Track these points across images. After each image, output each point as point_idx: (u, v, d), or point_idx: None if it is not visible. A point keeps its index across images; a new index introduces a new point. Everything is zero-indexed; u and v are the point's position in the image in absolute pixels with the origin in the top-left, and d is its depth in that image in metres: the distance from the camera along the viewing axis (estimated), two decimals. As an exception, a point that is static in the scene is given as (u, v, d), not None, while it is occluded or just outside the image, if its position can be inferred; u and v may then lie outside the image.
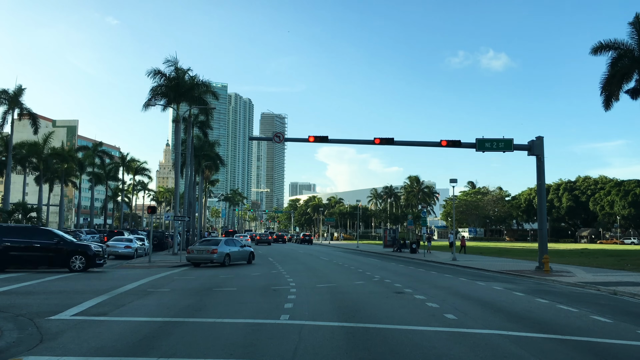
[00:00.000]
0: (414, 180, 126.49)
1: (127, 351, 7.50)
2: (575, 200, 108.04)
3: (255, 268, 25.80)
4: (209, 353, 7.44)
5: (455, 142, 27.88)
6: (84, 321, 9.90)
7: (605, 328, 10.01)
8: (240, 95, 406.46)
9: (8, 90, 48.51)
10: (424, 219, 48.52)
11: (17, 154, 57.12)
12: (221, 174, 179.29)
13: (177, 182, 43.64)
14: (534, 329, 9.54)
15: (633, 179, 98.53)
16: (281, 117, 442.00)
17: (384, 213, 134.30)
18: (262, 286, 16.78)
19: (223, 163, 75.18)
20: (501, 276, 23.58)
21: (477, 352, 7.64)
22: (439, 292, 15.71)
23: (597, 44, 32.40)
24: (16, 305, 11.81)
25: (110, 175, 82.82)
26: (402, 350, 7.70)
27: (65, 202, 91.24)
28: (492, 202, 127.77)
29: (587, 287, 18.10)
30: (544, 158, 27.48)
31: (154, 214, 34.27)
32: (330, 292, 15.35)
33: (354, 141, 32.22)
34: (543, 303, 13.51)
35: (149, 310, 11.35)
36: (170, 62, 42.44)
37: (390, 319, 10.51)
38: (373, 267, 27.61)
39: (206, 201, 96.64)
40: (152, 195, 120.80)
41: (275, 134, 30.53)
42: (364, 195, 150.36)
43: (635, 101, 32.82)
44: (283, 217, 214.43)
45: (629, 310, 12.86)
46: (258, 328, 9.35)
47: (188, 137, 47.95)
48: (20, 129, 66.61)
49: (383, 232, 73.89)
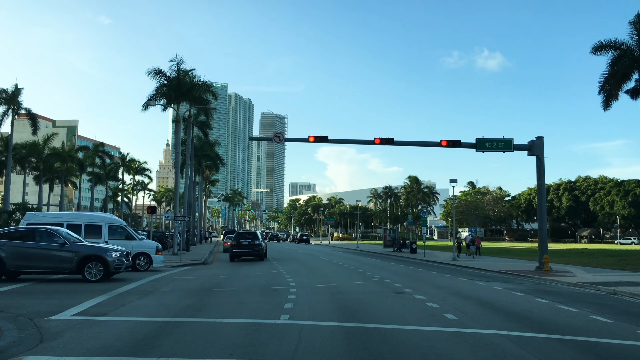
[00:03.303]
0: (414, 180, 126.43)
1: (127, 351, 7.49)
2: (575, 200, 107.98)
3: (255, 268, 25.80)
4: (209, 353, 7.44)
5: (455, 142, 27.88)
6: (84, 321, 9.89)
7: (606, 328, 10.01)
8: (240, 95, 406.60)
9: (7, 90, 48.51)
10: (424, 219, 48.49)
11: (17, 154, 57.11)
12: (221, 174, 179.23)
13: (177, 182, 43.62)
14: (534, 329, 9.54)
15: (633, 179, 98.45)
16: (281, 117, 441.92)
17: (384, 213, 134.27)
18: (262, 286, 16.78)
19: (223, 163, 75.23)
20: (501, 276, 23.58)
21: (477, 352, 7.63)
22: (439, 292, 15.70)
23: (597, 43, 32.44)
24: (16, 305, 11.80)
25: (110, 175, 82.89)
26: (402, 350, 7.70)
27: (65, 202, 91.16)
28: (492, 202, 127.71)
29: (587, 287, 18.10)
30: (544, 158, 27.48)
31: (154, 214, 34.27)
32: (330, 292, 15.34)
33: (354, 141, 32.22)
34: (543, 303, 13.50)
35: (149, 310, 11.34)
36: (174, 61, 42.58)
37: (390, 318, 10.51)
38: (373, 267, 27.60)
39: (206, 201, 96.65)
40: (152, 195, 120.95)
41: (275, 134, 30.53)
42: (364, 195, 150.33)
43: (635, 101, 32.86)
44: (283, 217, 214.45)
45: (629, 310, 12.86)
46: (258, 328, 9.35)
47: (188, 137, 47.98)
48: (21, 129, 66.63)
49: (383, 232, 73.88)
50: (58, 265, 17.27)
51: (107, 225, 23.23)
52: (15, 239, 17.33)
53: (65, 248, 17.18)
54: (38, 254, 17.00)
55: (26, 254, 16.95)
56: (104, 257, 17.30)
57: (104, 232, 22.79)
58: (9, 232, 18.03)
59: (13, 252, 16.80)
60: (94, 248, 17.77)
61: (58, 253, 17.11)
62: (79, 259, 17.10)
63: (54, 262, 17.19)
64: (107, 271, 17.37)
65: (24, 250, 16.96)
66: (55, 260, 17.14)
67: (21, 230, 18.36)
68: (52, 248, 17.11)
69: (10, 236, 17.52)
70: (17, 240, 17.25)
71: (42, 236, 17.47)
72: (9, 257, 16.75)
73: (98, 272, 17.22)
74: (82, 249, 17.46)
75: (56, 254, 17.10)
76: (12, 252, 16.78)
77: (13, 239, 17.29)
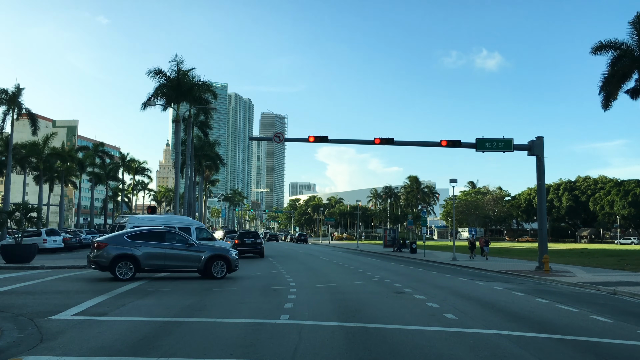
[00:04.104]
0: (414, 180, 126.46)
1: (127, 351, 7.50)
2: (575, 200, 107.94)
3: (255, 267, 25.79)
4: (209, 353, 7.44)
5: (455, 142, 27.88)
6: (84, 321, 9.89)
7: (605, 328, 10.02)
8: (240, 95, 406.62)
9: (7, 90, 48.47)
10: (424, 219, 48.52)
11: (17, 154, 57.09)
12: (221, 174, 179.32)
13: (177, 182, 43.62)
14: (534, 329, 9.54)
15: (633, 179, 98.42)
16: (281, 117, 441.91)
17: (384, 213, 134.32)
18: (262, 286, 16.78)
19: (223, 163, 75.22)
20: (501, 276, 23.59)
21: (477, 352, 7.64)
22: (439, 291, 15.71)
23: (597, 43, 32.45)
24: (16, 305, 11.80)
25: (111, 175, 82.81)
26: (402, 350, 7.70)
27: (66, 202, 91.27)
28: (492, 202, 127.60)
29: (587, 287, 18.11)
30: (544, 158, 27.49)
31: (154, 214, 34.23)
32: (330, 292, 15.35)
33: (354, 141, 32.21)
34: (543, 303, 13.51)
35: (149, 310, 11.34)
36: (174, 61, 42.56)
37: (390, 318, 10.51)
38: (373, 267, 27.60)
39: (206, 201, 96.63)
40: (152, 195, 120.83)
41: (275, 134, 30.53)
42: (364, 195, 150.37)
43: (635, 101, 32.85)
44: (283, 217, 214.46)
45: (629, 310, 12.86)
46: (258, 328, 9.35)
47: (188, 137, 47.95)
48: (21, 129, 66.60)
49: (383, 232, 73.89)
50: (187, 265, 18.47)
51: (195, 227, 24.51)
52: (147, 240, 18.18)
53: (192, 248, 18.49)
54: (169, 254, 18.11)
55: (158, 254, 17.93)
56: (227, 256, 18.83)
57: (192, 233, 23.62)
58: (142, 234, 18.65)
59: (146, 253, 17.77)
60: (218, 249, 19.41)
61: (187, 253, 18.34)
62: (207, 258, 18.42)
63: (184, 262, 18.37)
64: (229, 269, 18.79)
65: (156, 251, 17.94)
66: (184, 259, 18.35)
67: (152, 231, 19.16)
68: (181, 248, 18.32)
69: (142, 237, 18.30)
70: (148, 241, 18.12)
71: (172, 237, 18.68)
72: (143, 257, 17.69)
73: (222, 270, 18.55)
74: (208, 249, 18.85)
75: (185, 254, 18.32)
76: (145, 253, 17.74)
77: (145, 240, 18.14)
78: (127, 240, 17.82)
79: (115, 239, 18.00)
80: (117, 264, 17.31)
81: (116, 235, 18.39)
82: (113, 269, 17.30)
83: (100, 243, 17.70)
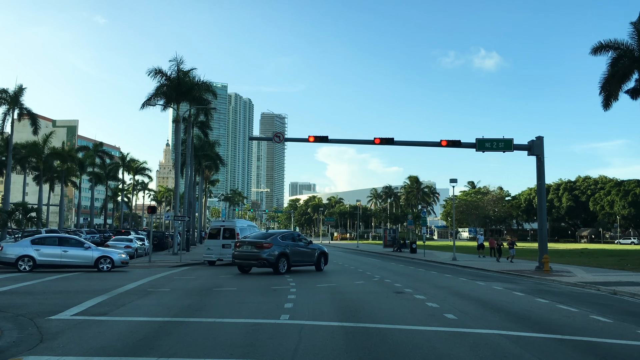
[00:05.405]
0: (414, 180, 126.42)
1: (127, 351, 7.50)
2: (575, 200, 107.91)
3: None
4: (209, 353, 7.44)
5: (455, 142, 27.87)
6: (84, 321, 9.90)
7: (605, 328, 10.01)
8: (240, 95, 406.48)
9: (8, 90, 48.45)
10: (424, 219, 48.56)
11: (17, 154, 57.06)
12: (221, 174, 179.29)
13: (177, 182, 43.64)
14: (534, 329, 9.54)
15: (633, 179, 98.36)
16: (281, 117, 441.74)
17: (384, 213, 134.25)
18: (262, 286, 16.78)
19: (223, 163, 75.22)
20: (501, 276, 23.58)
21: (477, 352, 7.63)
22: (439, 291, 15.71)
23: (597, 44, 32.40)
24: (16, 305, 11.81)
25: (111, 175, 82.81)
26: (402, 350, 7.70)
27: (65, 202, 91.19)
28: (492, 202, 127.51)
29: (587, 287, 18.10)
30: (544, 158, 27.48)
31: (154, 214, 34.26)
32: (330, 291, 15.35)
33: (354, 141, 32.22)
34: (543, 303, 13.51)
35: (149, 310, 11.35)
36: (174, 61, 42.53)
37: (390, 318, 10.51)
38: (373, 267, 27.60)
39: (206, 201, 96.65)
40: (152, 195, 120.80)
41: (275, 134, 30.52)
42: (364, 195, 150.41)
43: (635, 101, 32.84)
44: (283, 217, 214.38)
45: (629, 310, 12.86)
46: (258, 328, 9.35)
47: (188, 137, 47.95)
48: (21, 129, 66.54)
49: (383, 232, 73.90)
50: (308, 260, 23.06)
51: (253, 228, 29.49)
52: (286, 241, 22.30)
53: (309, 247, 23.39)
54: (303, 251, 22.78)
55: (298, 252, 22.39)
56: (327, 252, 24.40)
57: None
58: (285, 235, 23.25)
59: (292, 252, 21.97)
60: (322, 246, 24.87)
61: (307, 250, 23.12)
62: (318, 254, 23.41)
63: (306, 257, 22.98)
64: (326, 264, 24.16)
65: (297, 250, 22.36)
66: (307, 255, 23.00)
67: (284, 233, 23.66)
68: (304, 246, 23.07)
69: (285, 238, 22.53)
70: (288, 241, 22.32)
71: (296, 238, 23.29)
72: (291, 254, 21.86)
73: (324, 264, 23.78)
74: (317, 247, 24.02)
75: (306, 251, 23.05)
76: (292, 252, 21.91)
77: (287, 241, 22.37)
78: (280, 241, 22.03)
79: (274, 240, 21.91)
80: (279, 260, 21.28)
81: (273, 238, 22.32)
82: (276, 265, 21.10)
83: (265, 244, 21.57)
